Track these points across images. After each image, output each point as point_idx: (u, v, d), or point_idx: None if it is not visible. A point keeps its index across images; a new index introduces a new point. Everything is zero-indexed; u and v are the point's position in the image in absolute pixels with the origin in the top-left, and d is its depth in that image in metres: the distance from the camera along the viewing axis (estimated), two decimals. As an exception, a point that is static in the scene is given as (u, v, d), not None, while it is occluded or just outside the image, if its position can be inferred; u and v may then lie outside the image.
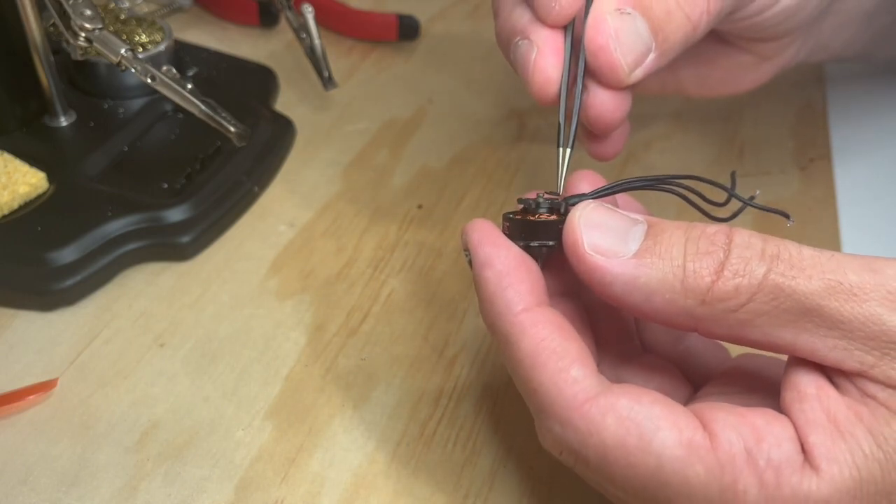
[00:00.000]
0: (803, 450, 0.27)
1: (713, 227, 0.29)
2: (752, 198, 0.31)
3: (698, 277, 0.28)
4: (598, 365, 0.34)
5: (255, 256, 0.47)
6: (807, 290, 0.27)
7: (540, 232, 0.32)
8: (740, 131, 0.56)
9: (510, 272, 0.31)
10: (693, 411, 0.29)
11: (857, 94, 0.59)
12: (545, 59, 0.35)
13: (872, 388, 0.28)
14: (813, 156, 0.54)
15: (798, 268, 0.28)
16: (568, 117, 0.35)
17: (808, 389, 0.28)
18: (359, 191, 0.52)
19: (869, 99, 0.58)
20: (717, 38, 0.44)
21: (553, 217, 0.32)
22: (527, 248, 0.32)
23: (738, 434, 0.28)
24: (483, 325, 0.43)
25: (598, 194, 0.32)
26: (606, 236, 0.30)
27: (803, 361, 0.29)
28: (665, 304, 0.29)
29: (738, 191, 0.31)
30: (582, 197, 0.32)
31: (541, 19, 0.35)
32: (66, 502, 0.36)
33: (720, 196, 0.32)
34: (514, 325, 0.30)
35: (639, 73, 0.35)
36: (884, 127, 0.56)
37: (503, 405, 0.40)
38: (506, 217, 0.33)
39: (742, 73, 0.46)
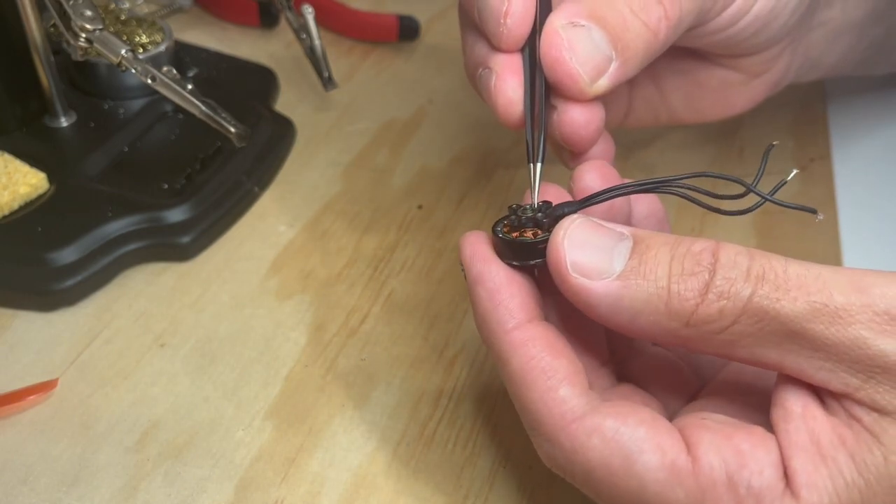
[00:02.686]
0: (785, 474, 0.27)
1: (700, 245, 0.29)
2: (773, 192, 0.30)
3: (682, 300, 0.28)
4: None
5: (255, 256, 0.47)
6: (791, 314, 0.27)
7: (525, 252, 0.31)
8: (740, 131, 0.56)
9: (500, 289, 0.31)
10: (680, 429, 0.29)
11: (857, 94, 0.59)
12: (504, 81, 0.35)
13: (858, 411, 0.27)
14: (813, 156, 0.54)
15: (783, 289, 0.27)
16: (537, 133, 0.35)
17: (794, 408, 0.28)
18: (359, 191, 0.52)
19: (869, 99, 0.58)
20: (700, 57, 0.44)
21: (538, 235, 0.31)
22: (516, 266, 0.31)
23: (721, 458, 0.27)
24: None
25: (584, 205, 0.32)
26: (591, 255, 0.29)
27: (793, 377, 0.29)
28: (650, 324, 0.29)
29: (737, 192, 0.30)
30: (569, 205, 0.32)
31: (494, 46, 0.35)
32: (66, 502, 0.36)
33: (730, 189, 0.30)
34: (505, 343, 0.30)
35: (604, 83, 0.34)
36: (884, 127, 0.56)
37: (503, 405, 0.40)
38: (494, 232, 0.32)
39: (733, 94, 0.45)
